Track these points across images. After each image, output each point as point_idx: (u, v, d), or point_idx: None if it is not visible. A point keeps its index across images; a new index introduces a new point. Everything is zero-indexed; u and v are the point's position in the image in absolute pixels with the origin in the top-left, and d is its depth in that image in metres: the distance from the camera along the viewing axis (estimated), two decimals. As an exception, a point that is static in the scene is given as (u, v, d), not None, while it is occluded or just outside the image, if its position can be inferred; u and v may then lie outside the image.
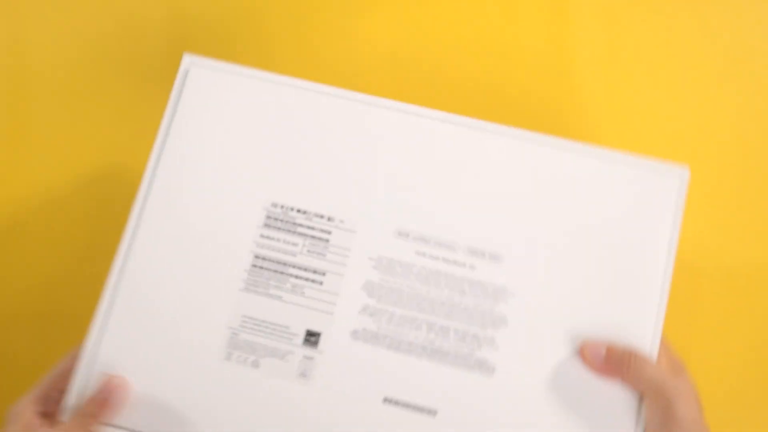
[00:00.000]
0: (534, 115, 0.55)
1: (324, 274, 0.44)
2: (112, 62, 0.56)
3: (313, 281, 0.44)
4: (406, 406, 0.43)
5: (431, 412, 0.42)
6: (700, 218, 0.52)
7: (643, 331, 0.43)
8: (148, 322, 0.44)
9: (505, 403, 0.42)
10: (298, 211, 0.45)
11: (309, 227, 0.45)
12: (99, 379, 0.42)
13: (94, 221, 0.55)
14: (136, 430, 0.42)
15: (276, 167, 0.46)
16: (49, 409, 0.42)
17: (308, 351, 0.43)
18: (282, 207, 0.45)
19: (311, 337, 0.44)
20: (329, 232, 0.45)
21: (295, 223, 0.45)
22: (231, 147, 0.46)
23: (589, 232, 0.44)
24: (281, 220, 0.45)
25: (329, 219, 0.45)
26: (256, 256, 0.45)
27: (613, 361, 0.42)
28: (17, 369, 0.54)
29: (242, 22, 0.55)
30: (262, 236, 0.45)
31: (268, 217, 0.45)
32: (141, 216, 0.45)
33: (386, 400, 0.43)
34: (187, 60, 0.47)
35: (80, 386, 0.42)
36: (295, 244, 0.45)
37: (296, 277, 0.44)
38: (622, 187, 0.45)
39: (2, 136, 0.56)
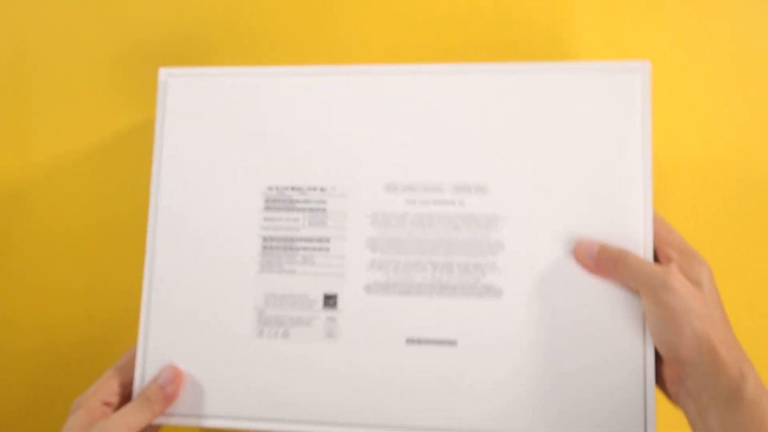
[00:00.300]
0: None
1: (328, 240, 0.48)
2: (112, 52, 0.59)
3: (320, 249, 0.48)
4: (428, 342, 0.46)
5: (452, 343, 0.46)
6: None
7: (634, 231, 0.45)
8: (184, 319, 0.48)
9: (518, 320, 0.45)
10: (293, 188, 0.48)
11: (305, 201, 0.48)
12: (156, 371, 0.47)
13: (92, 199, 0.59)
14: (187, 413, 0.47)
15: (264, 153, 0.49)
16: (111, 400, 0.46)
17: (330, 313, 0.47)
18: (277, 188, 0.48)
19: (329, 300, 0.47)
20: (324, 202, 0.48)
21: (292, 200, 0.48)
22: (220, 144, 0.49)
23: (565, 144, 0.46)
24: (279, 201, 0.48)
25: (322, 189, 0.48)
26: (265, 238, 0.48)
27: (604, 260, 0.44)
28: (19, 361, 0.58)
29: (243, 18, 0.58)
30: (265, 219, 0.48)
31: (267, 200, 0.48)
32: (156, 229, 0.49)
33: (409, 341, 0.46)
34: (164, 73, 0.51)
35: (139, 381, 0.47)
36: (296, 220, 0.48)
37: (304, 249, 0.48)
38: (588, 93, 0.46)
39: (4, 122, 0.59)
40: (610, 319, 0.45)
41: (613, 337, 0.44)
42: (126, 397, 0.47)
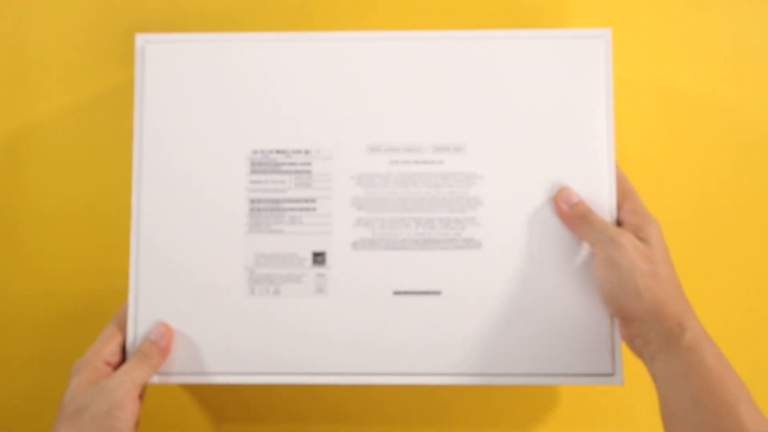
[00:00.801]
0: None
1: (315, 201, 0.50)
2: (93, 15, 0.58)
3: (306, 209, 0.50)
4: (414, 293, 0.49)
5: (436, 293, 0.49)
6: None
7: (599, 189, 0.49)
8: (175, 282, 0.49)
9: (496, 269, 0.49)
10: (278, 152, 0.50)
11: (291, 164, 0.50)
12: (148, 328, 0.49)
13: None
14: (184, 372, 0.49)
15: (247, 117, 0.50)
16: (112, 360, 0.47)
17: (319, 269, 0.49)
18: (262, 152, 0.50)
19: (318, 257, 0.49)
20: (309, 164, 0.50)
21: (277, 163, 0.50)
22: (202, 109, 0.50)
23: (535, 107, 0.50)
24: (265, 164, 0.50)
25: (306, 152, 0.50)
26: (252, 200, 0.50)
27: (575, 211, 0.48)
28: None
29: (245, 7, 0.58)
30: (251, 182, 0.50)
31: (253, 164, 0.50)
32: (140, 192, 0.50)
33: (396, 293, 0.49)
34: (140, 39, 0.51)
35: (131, 343, 0.49)
36: (282, 182, 0.50)
37: (291, 209, 0.50)
38: (556, 58, 0.50)
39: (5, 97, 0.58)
40: (578, 266, 0.49)
41: (582, 282, 0.49)
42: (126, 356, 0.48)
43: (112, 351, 0.47)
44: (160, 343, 0.48)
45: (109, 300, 0.55)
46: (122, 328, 0.49)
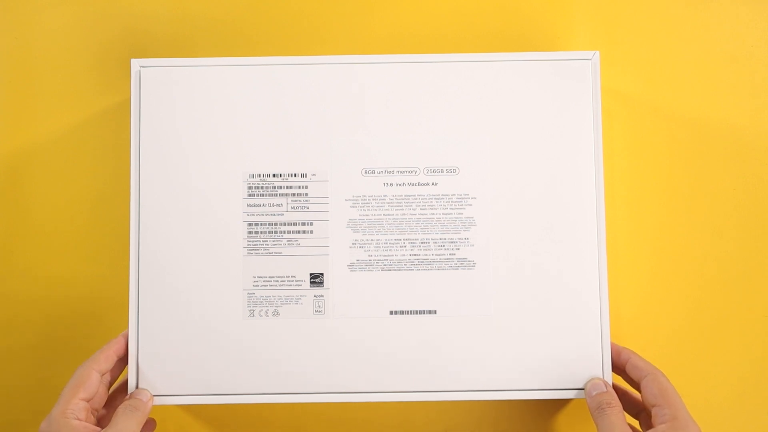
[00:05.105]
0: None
1: (311, 223, 0.51)
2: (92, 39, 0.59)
3: (303, 232, 0.51)
4: (410, 313, 0.50)
5: (432, 312, 0.50)
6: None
7: (583, 210, 0.50)
8: (176, 304, 0.50)
9: (491, 287, 0.50)
10: (274, 175, 0.51)
11: (287, 187, 0.51)
12: (149, 358, 0.50)
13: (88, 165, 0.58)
14: (184, 393, 0.50)
15: (243, 141, 0.51)
16: (79, 416, 0.46)
17: (317, 291, 0.50)
18: (259, 176, 0.51)
19: (316, 279, 0.50)
20: (306, 187, 0.51)
21: (274, 187, 0.51)
22: (198, 133, 0.51)
23: (526, 127, 0.51)
24: (261, 187, 0.51)
25: (302, 175, 0.51)
26: (249, 224, 0.51)
27: (596, 402, 0.48)
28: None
29: (247, 16, 0.58)
30: (249, 206, 0.51)
31: (250, 188, 0.51)
32: (139, 219, 0.50)
33: (392, 313, 0.50)
34: (136, 64, 0.51)
35: (133, 371, 0.50)
36: (279, 205, 0.51)
37: (288, 232, 0.51)
38: (545, 81, 0.51)
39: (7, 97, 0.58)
40: (568, 283, 0.50)
41: (572, 299, 0.50)
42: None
43: (78, 407, 0.46)
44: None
45: (107, 308, 0.56)
46: (80, 386, 0.46)
